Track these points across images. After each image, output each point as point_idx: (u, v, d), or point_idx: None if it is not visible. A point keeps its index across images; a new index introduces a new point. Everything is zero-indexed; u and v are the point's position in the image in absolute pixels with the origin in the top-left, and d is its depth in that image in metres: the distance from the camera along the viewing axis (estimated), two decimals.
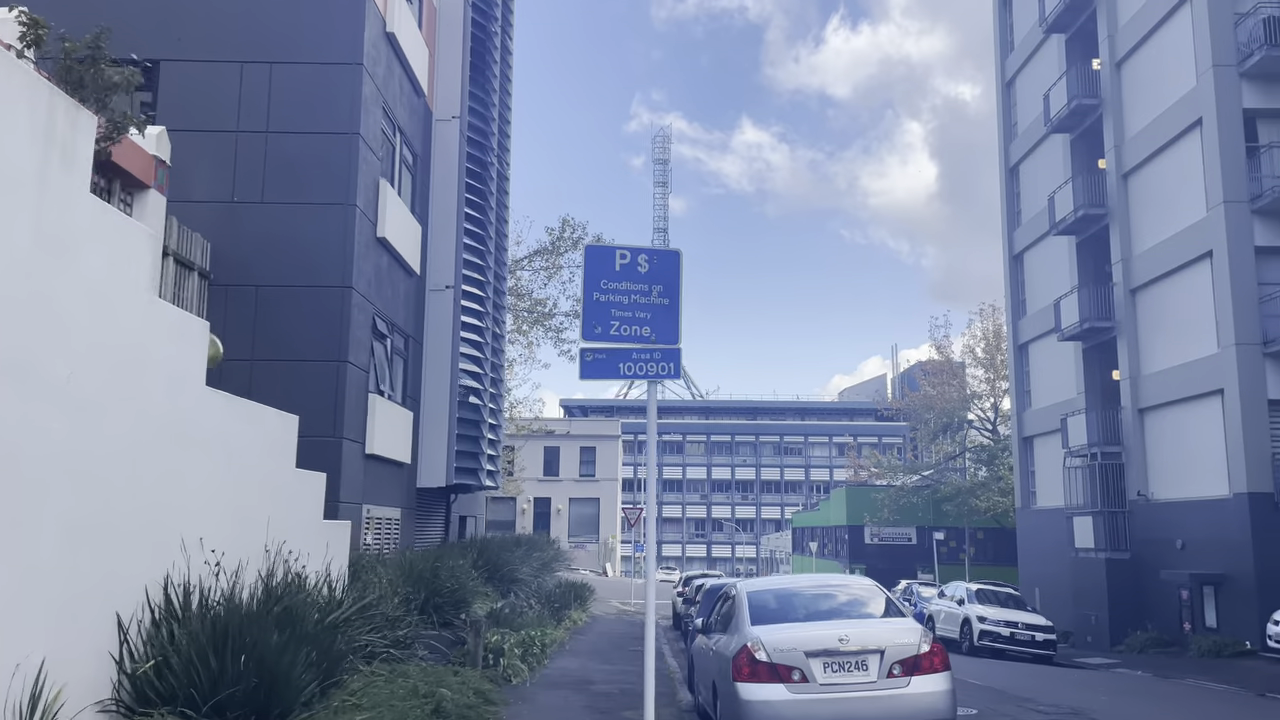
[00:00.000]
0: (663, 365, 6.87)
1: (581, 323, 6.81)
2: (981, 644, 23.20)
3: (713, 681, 9.22)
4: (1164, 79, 25.42)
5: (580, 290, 6.89)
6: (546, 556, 25.28)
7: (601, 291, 6.75)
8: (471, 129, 20.88)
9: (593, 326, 6.75)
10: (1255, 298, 22.14)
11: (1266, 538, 21.23)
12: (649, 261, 6.75)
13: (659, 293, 6.77)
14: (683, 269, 6.89)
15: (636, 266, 6.72)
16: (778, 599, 9.33)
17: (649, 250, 6.78)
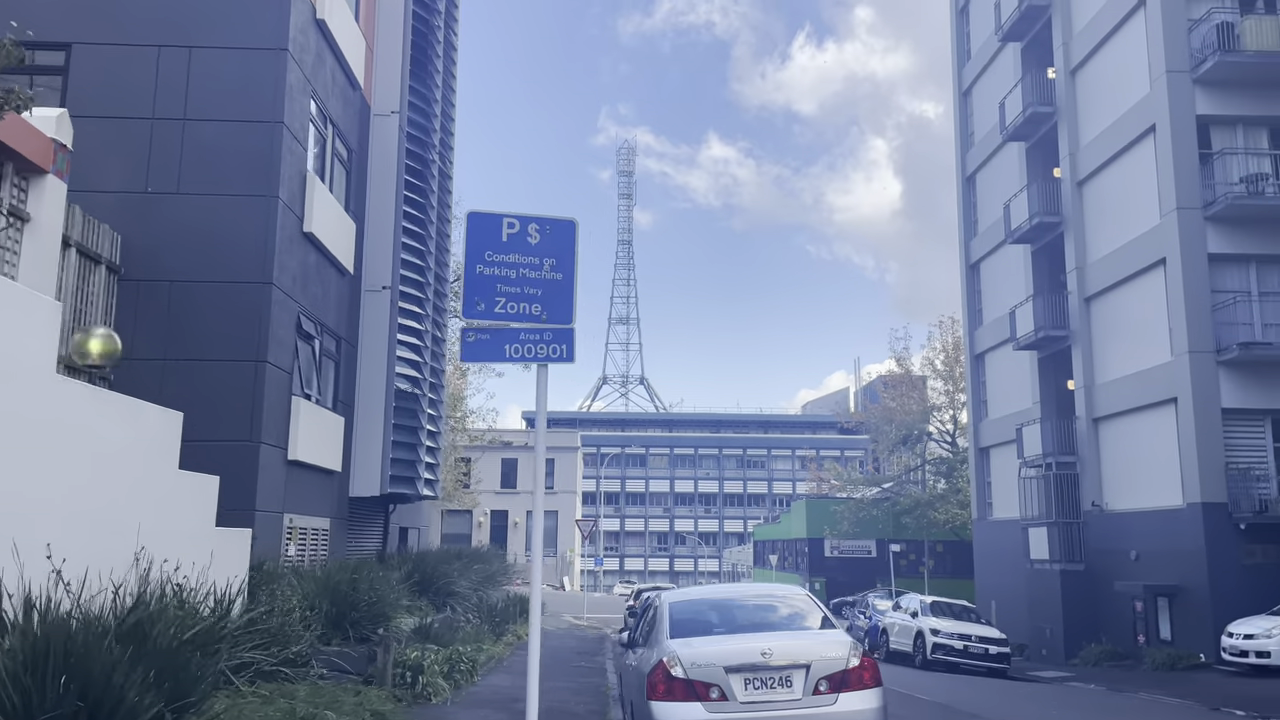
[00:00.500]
0: (554, 347, 6.20)
1: (462, 298, 6.13)
2: (935, 657, 22.70)
3: (631, 700, 8.56)
4: (1118, 86, 25.27)
5: None
6: (491, 569, 24.46)
7: (486, 264, 6.08)
8: (412, 125, 20.16)
9: (474, 303, 6.06)
10: (1208, 305, 21.92)
11: (1220, 549, 20.94)
12: (540, 231, 6.10)
13: (551, 266, 6.12)
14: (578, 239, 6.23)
15: (526, 236, 6.07)
16: (701, 610, 8.69)
17: (541, 219, 6.13)
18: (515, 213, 5.99)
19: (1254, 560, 20.90)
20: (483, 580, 22.25)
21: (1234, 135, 22.88)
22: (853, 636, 26.86)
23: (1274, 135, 22.97)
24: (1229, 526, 20.97)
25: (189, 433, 13.66)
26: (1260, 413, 21.75)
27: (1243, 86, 22.71)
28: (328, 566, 13.50)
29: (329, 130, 17.31)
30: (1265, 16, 22.26)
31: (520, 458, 60.94)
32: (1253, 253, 22.30)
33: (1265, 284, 22.34)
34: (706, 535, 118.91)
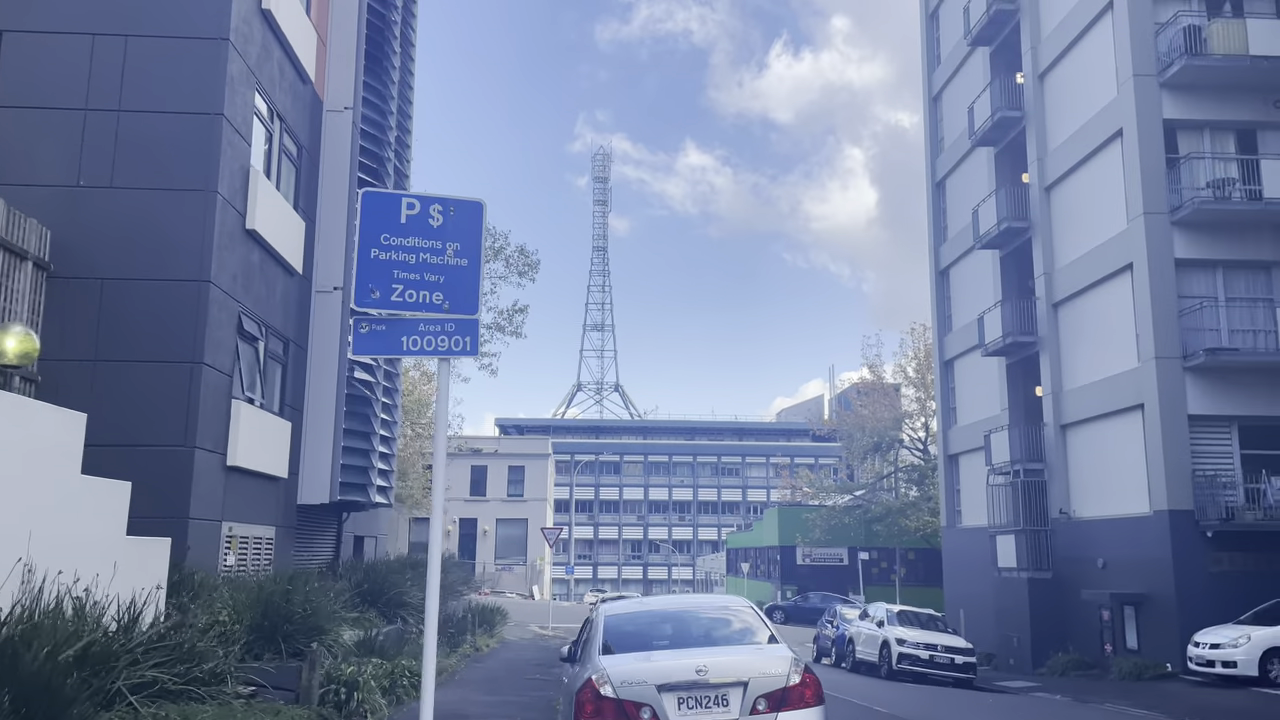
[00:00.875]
0: (457, 339, 5.71)
1: (355, 284, 5.62)
2: (900, 667, 22.31)
3: None
4: (1086, 90, 25.11)
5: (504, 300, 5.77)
6: (450, 579, 23.85)
7: (382, 247, 5.58)
8: (366, 121, 19.64)
9: (368, 290, 5.55)
10: (1175, 310, 21.73)
11: (1187, 557, 20.71)
12: (444, 213, 5.61)
13: (455, 251, 5.63)
14: (485, 223, 5.75)
15: (428, 219, 5.58)
16: (638, 623, 8.22)
17: (445, 199, 5.65)
18: (416, 193, 5.51)
19: (1221, 568, 20.67)
20: (442, 589, 21.65)
21: (1201, 140, 22.74)
22: (820, 645, 26.11)
23: (1241, 139, 22.85)
24: (1196, 534, 20.74)
25: (116, 436, 13.10)
26: (1227, 419, 21.57)
27: (1210, 90, 22.59)
28: (260, 577, 12.90)
29: (276, 125, 16.75)
30: (1232, 20, 22.14)
31: (490, 465, 60.22)
32: (1220, 258, 22.15)
33: (1232, 289, 22.19)
34: (681, 543, 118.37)
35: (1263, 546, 20.67)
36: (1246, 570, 20.62)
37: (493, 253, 37.20)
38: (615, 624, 8.05)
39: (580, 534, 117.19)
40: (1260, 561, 20.66)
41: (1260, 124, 22.76)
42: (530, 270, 37.93)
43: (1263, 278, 22.26)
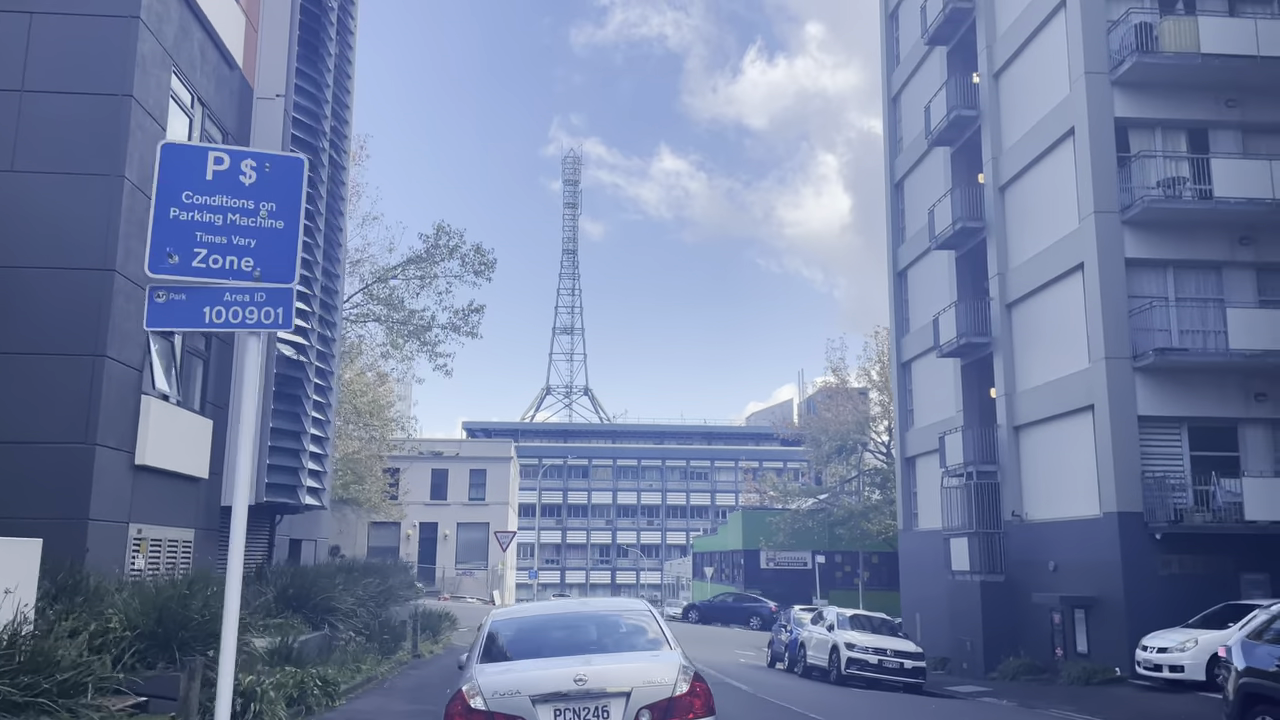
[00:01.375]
0: (268, 311, 5.15)
1: (149, 248, 5.04)
2: (849, 672, 21.92)
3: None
4: (1040, 89, 24.89)
5: (459, 299, 5.25)
6: (389, 583, 23.17)
7: (184, 206, 5.00)
8: (299, 110, 18.99)
9: (164, 254, 4.97)
10: (1125, 311, 21.49)
11: (1136, 559, 20.44)
12: (258, 170, 5.07)
13: (270, 212, 5.08)
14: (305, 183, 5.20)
15: (239, 175, 5.03)
16: (526, 629, 7.70)
17: (260, 155, 5.11)
18: (226, 146, 4.97)
19: (1170, 571, 20.42)
20: (378, 595, 21.00)
21: (1153, 138, 22.56)
22: (774, 650, 25.59)
23: (1192, 138, 22.69)
24: (1145, 537, 20.49)
25: (7, 433, 12.41)
26: (1177, 420, 21.35)
27: (1162, 89, 22.40)
28: (158, 581, 12.24)
29: (197, 110, 16.09)
30: (1184, 17, 21.97)
31: (451, 468, 59.40)
32: (1170, 257, 21.95)
33: (1183, 289, 22.00)
34: (649, 547, 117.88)
35: (1211, 549, 20.45)
36: (1196, 573, 20.39)
37: (448, 251, 36.57)
38: (501, 630, 7.54)
39: (548, 538, 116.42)
40: (1209, 564, 20.44)
41: (1212, 123, 22.61)
42: (486, 269, 37.27)
43: (1213, 278, 22.08)
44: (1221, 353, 20.60)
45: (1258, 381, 21.33)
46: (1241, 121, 22.53)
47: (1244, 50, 21.61)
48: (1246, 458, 21.21)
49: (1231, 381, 21.35)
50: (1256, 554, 20.26)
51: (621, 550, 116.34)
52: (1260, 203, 21.20)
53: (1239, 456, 21.24)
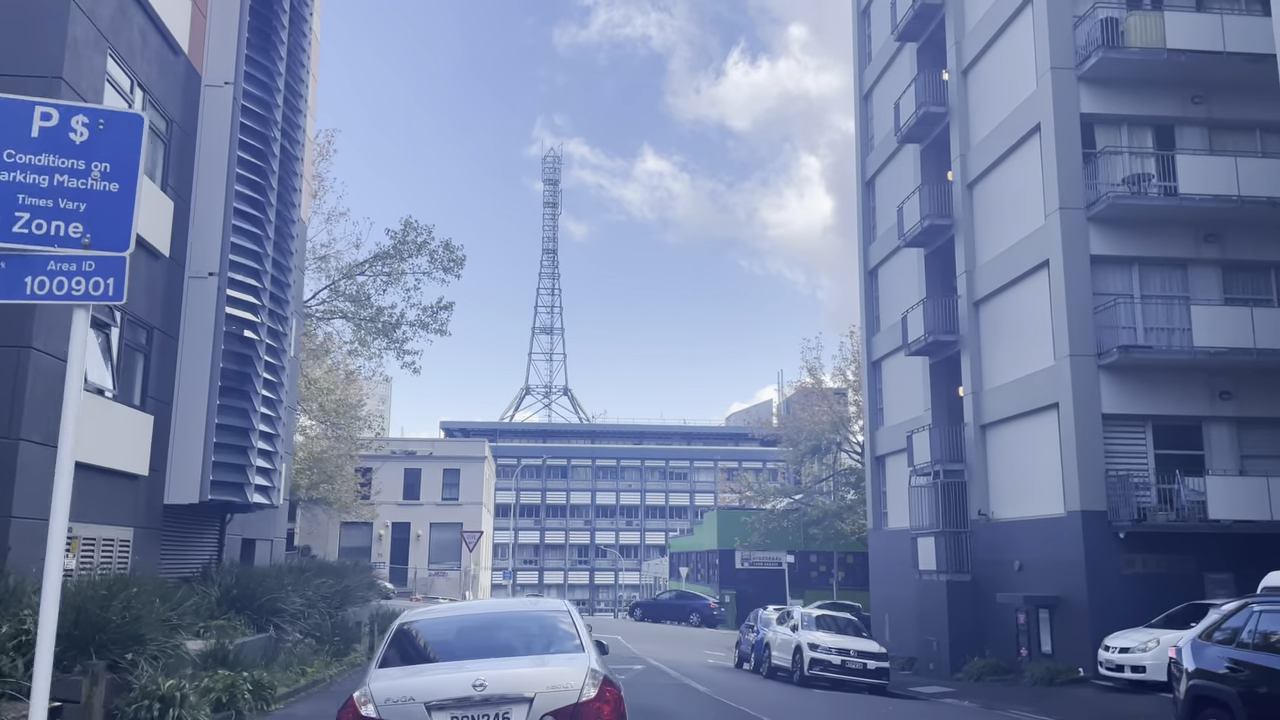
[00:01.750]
0: (97, 282, 4.74)
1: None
2: (812, 673, 21.64)
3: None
4: (1007, 85, 24.70)
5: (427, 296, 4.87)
6: (346, 584, 22.68)
7: (3, 166, 4.61)
8: (249, 98, 18.51)
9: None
10: (1090, 308, 21.30)
11: (1099, 558, 20.25)
12: (90, 127, 4.69)
13: (104, 173, 4.69)
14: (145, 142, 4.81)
15: (69, 133, 4.66)
16: (431, 632, 7.33)
17: (92, 110, 4.73)
18: (57, 101, 4.58)
19: (1133, 570, 20.24)
20: (332, 595, 20.53)
21: (1119, 134, 22.38)
22: (740, 650, 25.25)
23: (1159, 135, 22.53)
24: (1108, 535, 20.30)
25: None
26: (1141, 418, 21.18)
27: (1128, 85, 22.24)
28: (79, 582, 11.80)
29: (138, 96, 15.63)
30: (1150, 12, 21.80)
31: (424, 468, 58.85)
32: (1136, 254, 21.78)
33: (1148, 287, 21.84)
34: (628, 548, 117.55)
35: (1175, 548, 20.29)
36: (1159, 572, 20.22)
37: (416, 247, 36.11)
38: (407, 633, 7.17)
39: (526, 539, 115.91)
40: (1173, 563, 20.28)
41: (1178, 119, 22.47)
42: (456, 266, 36.82)
43: (1179, 275, 21.94)
44: (1186, 350, 20.43)
45: (1222, 379, 21.19)
46: (1208, 118, 22.40)
47: (1210, 46, 21.47)
48: (1211, 456, 21.06)
49: (1196, 379, 21.20)
50: (1220, 553, 20.09)
51: (600, 551, 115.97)
52: (1226, 200, 21.05)
53: (1204, 455, 21.10)
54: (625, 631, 38.20)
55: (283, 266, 19.54)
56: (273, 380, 19.13)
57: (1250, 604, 9.12)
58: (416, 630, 7.25)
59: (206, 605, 15.70)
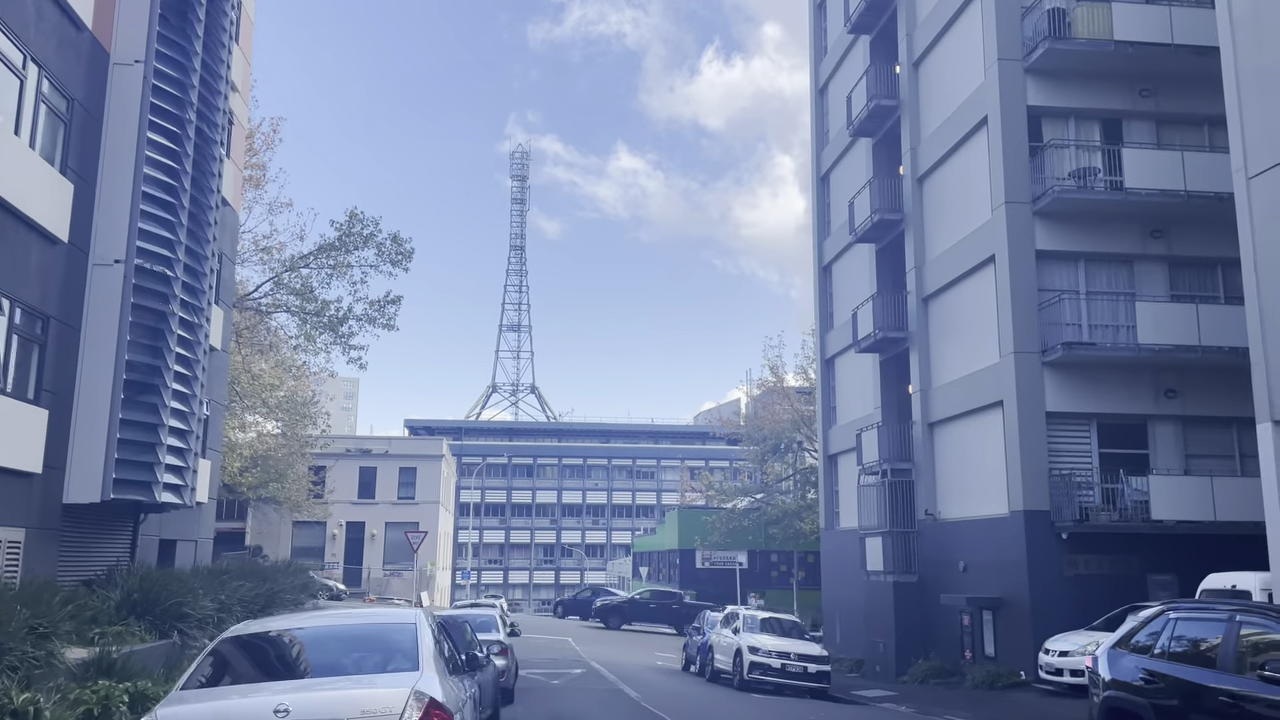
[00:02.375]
0: None
1: None
2: (752, 677, 21.08)
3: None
4: (957, 77, 24.27)
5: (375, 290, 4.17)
6: (278, 586, 21.85)
7: None
8: (162, 78, 17.65)
9: None
10: (1035, 304, 20.89)
11: (1042, 559, 19.84)
12: None
13: None
14: None
15: None
16: (252, 647, 6.64)
17: None
18: None
19: (1076, 571, 19.85)
20: (254, 599, 19.70)
21: (1066, 128, 21.99)
22: (688, 653, 24.42)
23: (1106, 128, 22.17)
24: (1051, 536, 19.89)
25: None
26: (1085, 416, 20.80)
27: (1075, 77, 21.85)
28: None
29: (31, 71, 14.76)
30: (1098, 3, 21.37)
31: (380, 466, 57.89)
32: (1082, 250, 21.40)
33: (1094, 283, 21.46)
34: (594, 547, 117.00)
35: (1118, 549, 19.92)
36: (1102, 573, 19.84)
37: (362, 239, 35.22)
38: (228, 648, 6.47)
39: (492, 538, 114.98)
40: (1116, 564, 19.91)
41: (1126, 113, 22.10)
42: (404, 259, 35.93)
43: (1125, 271, 21.58)
44: (1131, 348, 20.05)
45: (1168, 377, 20.85)
46: (1156, 112, 22.06)
47: (1158, 38, 21.10)
48: (1156, 455, 20.72)
49: (1141, 377, 20.84)
50: (1164, 554, 19.73)
51: (566, 550, 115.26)
52: (1172, 195, 20.70)
53: (1148, 454, 20.75)
54: (586, 635, 37.53)
55: (198, 255, 18.70)
56: (186, 374, 18.29)
57: (1168, 610, 8.62)
58: (238, 645, 6.56)
59: (105, 611, 14.90)
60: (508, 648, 15.73)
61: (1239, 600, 8.38)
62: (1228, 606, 7.80)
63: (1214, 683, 7.45)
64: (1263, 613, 7.48)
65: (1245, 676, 7.14)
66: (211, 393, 23.22)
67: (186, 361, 18.31)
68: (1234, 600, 8.33)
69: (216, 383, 23.66)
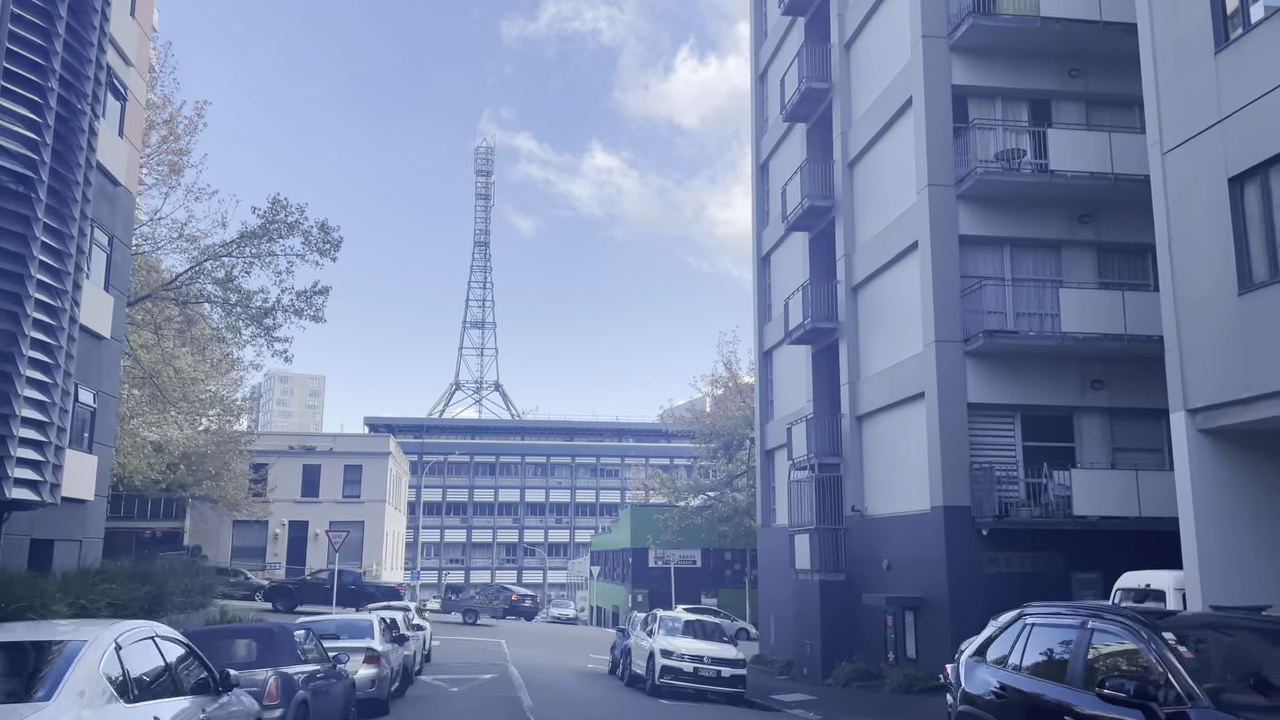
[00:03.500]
0: None
1: None
2: (663, 681, 20.13)
3: None
4: (886, 57, 23.39)
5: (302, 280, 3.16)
6: (164, 589, 20.63)
7: None
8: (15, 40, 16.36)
9: None
10: (958, 291, 20.02)
11: (961, 557, 18.98)
12: None
13: None
14: None
15: None
16: None
17: None
18: None
19: (997, 569, 19.00)
20: (131, 602, 18.47)
21: (992, 108, 21.16)
22: (614, 656, 23.27)
23: (1035, 109, 21.35)
24: (971, 532, 19.03)
25: None
26: (1009, 408, 19.96)
27: (1002, 55, 21.01)
28: None
29: None
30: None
31: (324, 464, 56.47)
32: (1007, 235, 20.56)
33: (1020, 269, 20.63)
34: (557, 546, 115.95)
35: (1041, 546, 19.09)
36: (1024, 571, 19.00)
37: (288, 228, 33.89)
38: None
39: (453, 537, 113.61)
40: (1039, 562, 19.09)
41: (1055, 93, 21.28)
42: (332, 249, 34.62)
43: (1052, 257, 20.77)
44: (1055, 336, 19.22)
45: (1094, 367, 20.05)
46: (1085, 92, 21.25)
47: (1086, 15, 20.30)
48: (1082, 448, 19.92)
49: (1067, 367, 20.03)
50: (1089, 551, 18.92)
51: (528, 550, 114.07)
52: (1101, 177, 19.88)
53: (1074, 447, 19.94)
54: (536, 635, 36.45)
55: (62, 235, 17.40)
56: (48, 362, 17.00)
57: (1025, 615, 7.68)
58: None
59: None
60: (380, 654, 14.65)
61: (1094, 605, 7.44)
62: (1083, 612, 6.88)
63: (1063, 698, 6.52)
64: (1118, 620, 6.56)
65: (1088, 693, 6.21)
66: (100, 384, 21.98)
67: (47, 348, 17.04)
68: (1089, 605, 7.40)
69: (107, 373, 22.36)
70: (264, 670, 9.97)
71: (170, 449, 40.95)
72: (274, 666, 10.16)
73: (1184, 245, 13.68)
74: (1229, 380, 12.71)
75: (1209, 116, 13.26)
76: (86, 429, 21.71)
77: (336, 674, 11.96)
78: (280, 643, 10.71)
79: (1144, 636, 6.09)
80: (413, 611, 24.44)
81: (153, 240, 34.17)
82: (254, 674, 9.84)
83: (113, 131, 22.30)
